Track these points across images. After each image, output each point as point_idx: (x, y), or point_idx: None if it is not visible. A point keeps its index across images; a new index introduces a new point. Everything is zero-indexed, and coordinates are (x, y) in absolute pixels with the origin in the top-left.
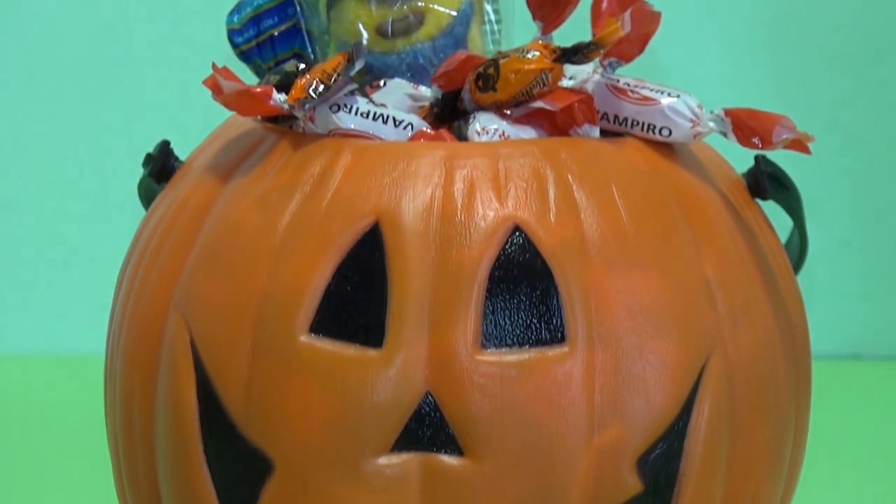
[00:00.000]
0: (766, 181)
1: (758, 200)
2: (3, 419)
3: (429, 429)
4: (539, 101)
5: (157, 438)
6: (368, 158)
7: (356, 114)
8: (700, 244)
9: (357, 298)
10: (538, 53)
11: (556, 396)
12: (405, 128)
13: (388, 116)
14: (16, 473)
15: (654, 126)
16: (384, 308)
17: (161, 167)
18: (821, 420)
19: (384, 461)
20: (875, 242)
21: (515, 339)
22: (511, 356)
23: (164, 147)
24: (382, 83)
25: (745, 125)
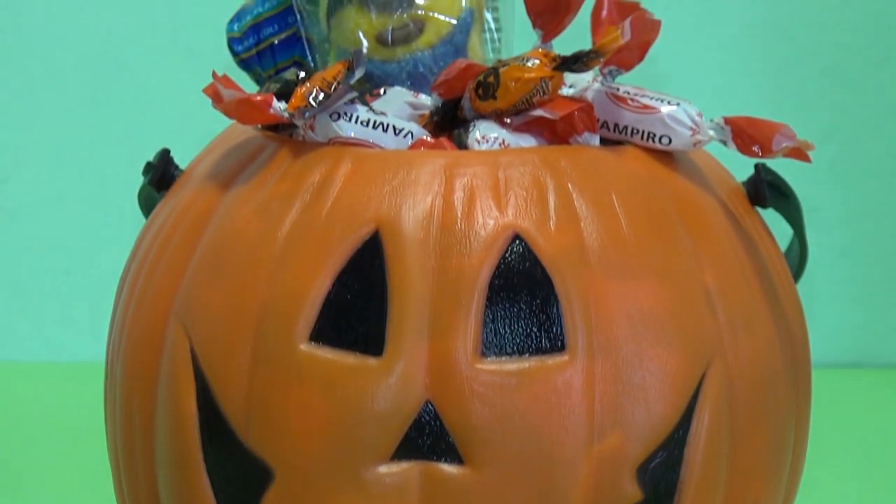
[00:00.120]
0: (766, 189)
1: (758, 209)
2: (4, 427)
3: (429, 437)
4: (539, 110)
5: (157, 447)
6: (368, 167)
7: (356, 122)
8: (700, 252)
9: (357, 307)
10: (538, 62)
11: (556, 405)
12: (405, 136)
13: (388, 125)
14: (16, 481)
15: (654, 134)
16: (384, 316)
17: (161, 175)
18: (820, 428)
19: (384, 470)
20: (874, 251)
21: (515, 348)
22: (511, 365)
23: (165, 155)
24: (382, 91)
25: (745, 133)
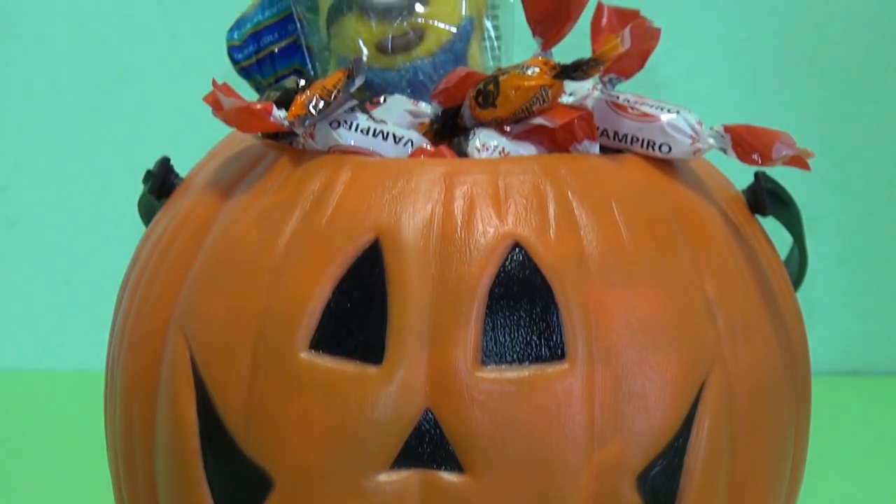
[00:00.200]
0: (766, 197)
1: (757, 217)
2: (3, 435)
3: (429, 445)
4: (539, 118)
5: (157, 455)
6: (368, 175)
7: (356, 130)
8: (700, 261)
9: (357, 315)
10: (538, 70)
11: (556, 413)
12: (405, 144)
13: (388, 133)
14: (16, 490)
15: (654, 142)
16: (384, 325)
17: (161, 184)
18: (820, 436)
19: (384, 478)
20: (874, 259)
21: (515, 356)
22: (511, 373)
23: (164, 163)
24: (382, 99)
25: (745, 141)
